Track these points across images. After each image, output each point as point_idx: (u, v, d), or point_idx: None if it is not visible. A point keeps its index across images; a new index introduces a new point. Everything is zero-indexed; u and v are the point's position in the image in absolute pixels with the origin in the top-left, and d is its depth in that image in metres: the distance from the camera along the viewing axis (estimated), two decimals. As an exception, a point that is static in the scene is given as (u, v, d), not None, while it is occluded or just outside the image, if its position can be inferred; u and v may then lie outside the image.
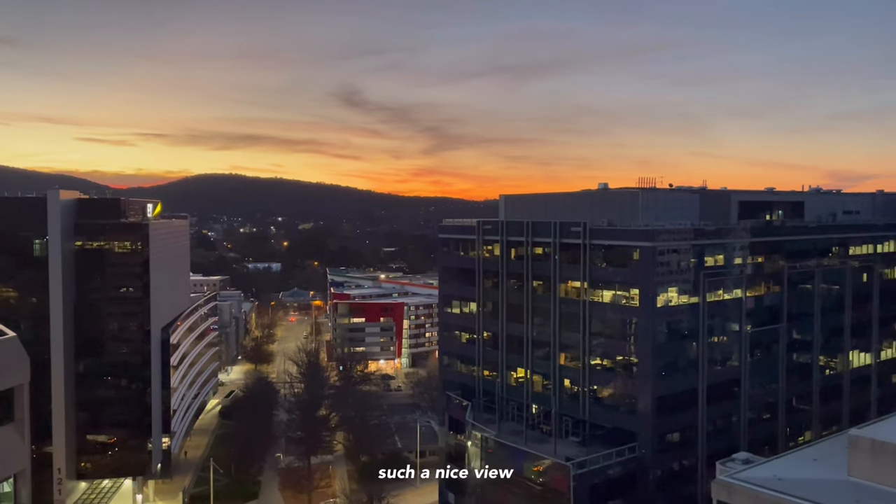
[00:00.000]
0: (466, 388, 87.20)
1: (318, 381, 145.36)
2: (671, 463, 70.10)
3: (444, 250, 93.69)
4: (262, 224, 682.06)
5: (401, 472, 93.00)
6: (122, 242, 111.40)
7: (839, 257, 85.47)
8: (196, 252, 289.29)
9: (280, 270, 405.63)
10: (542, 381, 78.95)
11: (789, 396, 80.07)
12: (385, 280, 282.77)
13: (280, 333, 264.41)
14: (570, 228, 74.10)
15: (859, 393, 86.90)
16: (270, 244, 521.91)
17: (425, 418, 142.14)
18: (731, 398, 74.41)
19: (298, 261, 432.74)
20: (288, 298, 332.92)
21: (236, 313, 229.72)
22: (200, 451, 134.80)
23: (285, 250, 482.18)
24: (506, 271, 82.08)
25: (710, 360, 72.23)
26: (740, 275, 74.54)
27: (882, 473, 48.82)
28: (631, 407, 69.66)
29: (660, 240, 67.96)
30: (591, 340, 73.05)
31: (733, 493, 50.06)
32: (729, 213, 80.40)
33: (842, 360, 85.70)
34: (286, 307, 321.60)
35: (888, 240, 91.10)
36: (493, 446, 74.59)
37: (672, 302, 69.34)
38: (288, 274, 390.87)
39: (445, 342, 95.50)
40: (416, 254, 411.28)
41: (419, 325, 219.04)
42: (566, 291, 75.60)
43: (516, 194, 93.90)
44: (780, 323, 78.67)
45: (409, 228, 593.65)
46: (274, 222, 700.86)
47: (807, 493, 47.54)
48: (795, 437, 79.93)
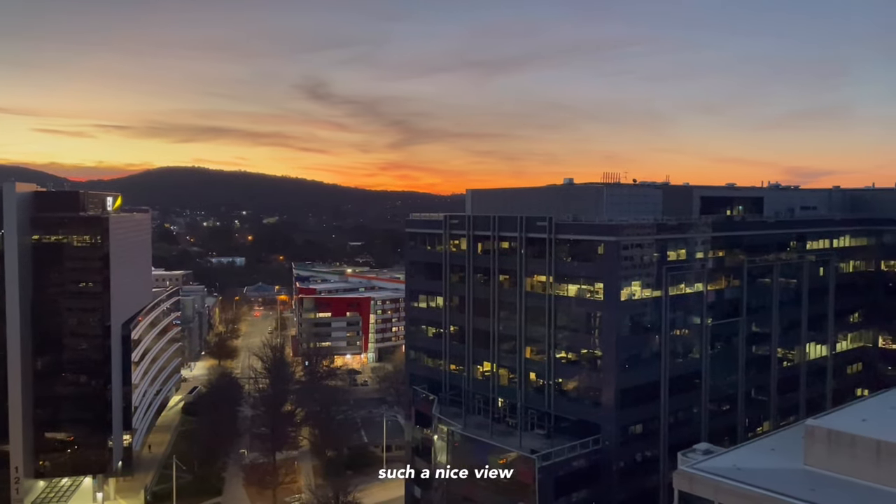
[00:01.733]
0: (433, 383, 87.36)
1: (283, 376, 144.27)
2: (634, 454, 71.15)
3: (411, 245, 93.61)
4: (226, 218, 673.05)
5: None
6: (80, 236, 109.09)
7: (797, 252, 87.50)
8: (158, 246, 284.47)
9: (244, 265, 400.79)
10: (507, 375, 79.46)
11: (748, 388, 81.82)
12: (352, 274, 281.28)
13: (244, 329, 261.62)
14: (535, 223, 74.59)
15: (815, 384, 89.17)
16: (235, 238, 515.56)
17: (392, 413, 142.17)
18: (693, 390, 75.77)
19: (263, 255, 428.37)
20: (252, 293, 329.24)
21: (199, 308, 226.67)
22: (163, 448, 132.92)
23: (250, 244, 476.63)
24: (472, 266, 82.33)
25: (673, 353, 73.44)
26: (702, 269, 75.85)
27: (837, 462, 50.26)
28: (595, 399, 70.50)
29: (624, 234, 68.81)
30: (557, 334, 73.71)
31: (694, 482, 51.10)
32: (691, 209, 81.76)
33: (799, 352, 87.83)
34: (251, 302, 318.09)
35: (843, 235, 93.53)
36: (459, 440, 74.88)
37: (635, 296, 70.30)
38: (252, 268, 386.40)
39: (412, 336, 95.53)
40: (382, 248, 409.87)
41: (386, 319, 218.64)
42: (532, 286, 76.13)
43: (483, 189, 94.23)
44: (740, 316, 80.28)
45: (376, 223, 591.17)
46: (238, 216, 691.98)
47: (764, 483, 48.74)
48: (754, 428, 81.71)
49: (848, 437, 50.09)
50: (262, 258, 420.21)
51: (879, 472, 48.21)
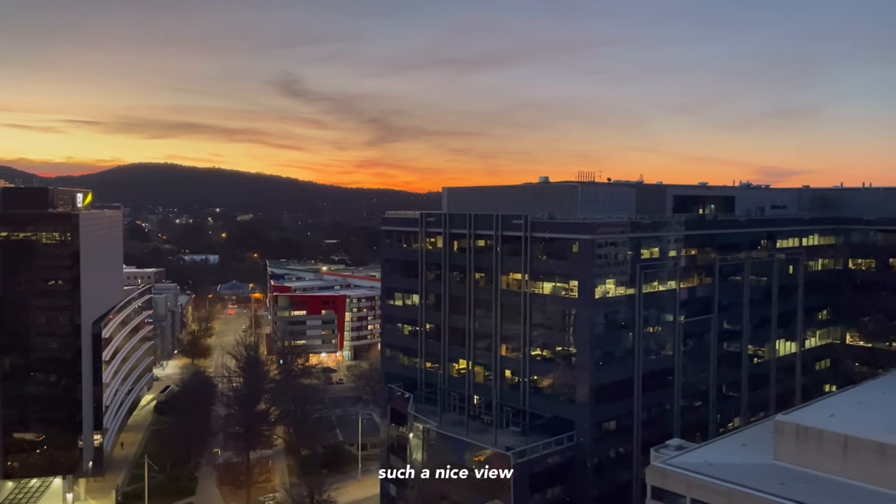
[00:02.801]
0: (409, 381, 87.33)
1: (257, 375, 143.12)
2: (608, 450, 71.81)
3: (387, 242, 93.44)
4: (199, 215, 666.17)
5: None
6: (50, 233, 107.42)
7: (767, 250, 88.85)
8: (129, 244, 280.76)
9: (218, 262, 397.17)
10: (483, 373, 79.70)
11: (720, 384, 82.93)
12: (327, 272, 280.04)
13: (218, 327, 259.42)
14: (511, 221, 74.87)
15: (785, 380, 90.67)
16: (208, 236, 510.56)
17: (367, 411, 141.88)
18: (665, 386, 76.64)
19: (237, 253, 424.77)
20: (226, 291, 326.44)
21: (172, 306, 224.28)
22: (134, 447, 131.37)
23: (223, 242, 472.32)
24: (448, 263, 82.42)
25: (646, 350, 74.21)
26: (674, 267, 76.73)
27: (805, 457, 51.27)
28: (570, 396, 71.01)
29: (598, 233, 69.35)
30: (532, 331, 74.08)
31: (667, 478, 51.82)
32: (664, 207, 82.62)
33: (769, 348, 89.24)
34: (224, 300, 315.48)
35: (812, 233, 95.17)
36: (435, 437, 74.97)
37: (610, 293, 70.90)
38: (226, 266, 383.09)
39: (388, 334, 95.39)
40: (358, 246, 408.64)
41: (361, 317, 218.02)
42: (508, 283, 76.43)
43: (459, 187, 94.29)
44: (712, 313, 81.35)
45: (351, 220, 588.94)
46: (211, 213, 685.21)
47: (735, 477, 49.58)
48: (725, 424, 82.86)
49: (816, 433, 51.13)
50: (236, 256, 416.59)
51: (846, 466, 49.29)
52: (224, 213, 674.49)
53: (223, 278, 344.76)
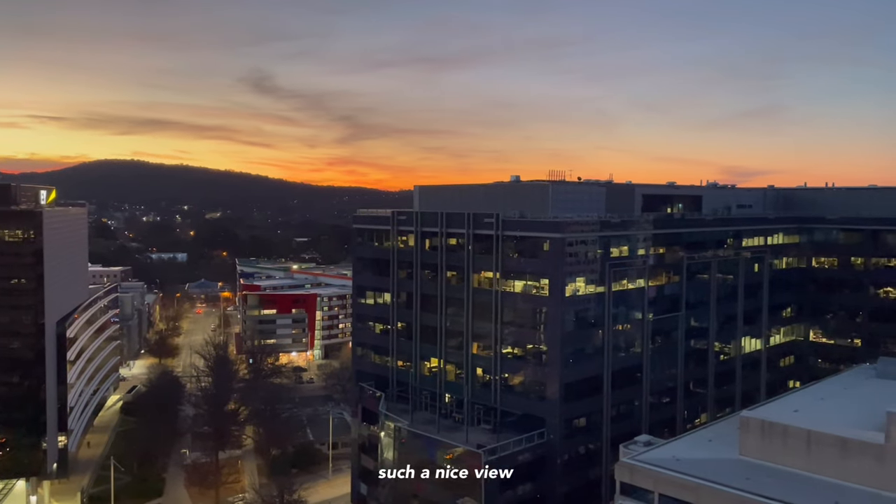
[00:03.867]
0: (380, 379, 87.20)
1: (226, 374, 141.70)
2: (578, 447, 72.51)
3: (358, 241, 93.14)
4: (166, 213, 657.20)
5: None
6: (12, 231, 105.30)
7: (733, 248, 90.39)
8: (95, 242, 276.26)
9: (186, 261, 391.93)
10: (455, 371, 79.88)
11: (687, 381, 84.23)
12: (298, 271, 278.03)
13: (186, 326, 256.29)
14: (483, 220, 75.13)
15: (750, 376, 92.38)
16: (176, 233, 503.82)
17: (338, 410, 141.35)
18: (634, 383, 77.57)
19: (206, 251, 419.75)
20: (195, 290, 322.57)
21: (139, 305, 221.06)
22: (100, 449, 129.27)
23: (192, 240, 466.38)
24: (420, 262, 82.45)
25: (615, 348, 75.04)
26: (643, 265, 77.69)
27: (770, 452, 52.25)
28: (540, 393, 71.53)
29: (569, 231, 69.93)
30: (503, 329, 74.45)
31: (635, 473, 52.42)
32: (633, 206, 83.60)
33: (735, 345, 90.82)
34: (193, 299, 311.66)
35: (777, 232, 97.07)
36: (406, 436, 75.00)
37: (580, 291, 71.56)
38: (195, 264, 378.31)
39: (359, 333, 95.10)
40: (329, 244, 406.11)
41: (332, 316, 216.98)
42: (479, 282, 76.69)
43: (431, 185, 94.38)
44: (680, 311, 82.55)
45: (322, 218, 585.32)
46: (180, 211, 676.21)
47: (702, 472, 50.33)
48: (693, 420, 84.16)
49: (780, 428, 52.12)
50: (205, 254, 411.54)
51: (810, 460, 50.33)
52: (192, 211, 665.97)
53: (191, 277, 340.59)
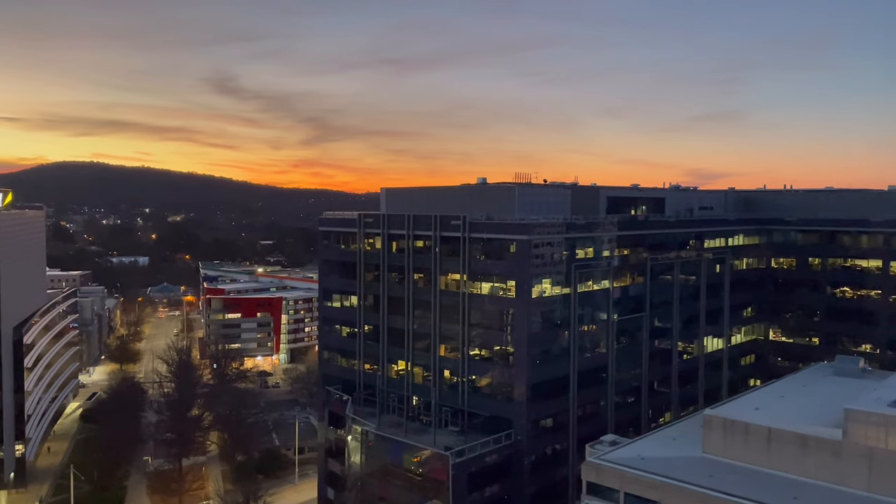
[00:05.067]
0: (347, 383, 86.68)
1: (189, 379, 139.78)
2: (545, 447, 72.93)
3: (324, 243, 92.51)
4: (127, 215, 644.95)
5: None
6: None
7: (695, 250, 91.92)
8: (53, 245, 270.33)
9: (148, 264, 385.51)
10: (422, 373, 79.78)
11: (651, 380, 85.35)
12: (262, 274, 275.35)
13: (148, 331, 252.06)
14: (450, 222, 75.20)
15: (713, 376, 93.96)
16: (137, 237, 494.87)
17: (304, 414, 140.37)
18: (600, 383, 78.33)
19: (168, 254, 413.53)
20: (157, 294, 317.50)
21: (99, 310, 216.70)
22: (59, 457, 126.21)
23: (153, 243, 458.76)
24: (387, 264, 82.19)
25: (581, 348, 75.70)
26: (608, 266, 78.55)
27: (732, 449, 53.24)
28: (507, 395, 71.80)
29: (535, 233, 70.39)
30: (470, 331, 74.58)
31: (601, 473, 52.96)
32: (598, 208, 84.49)
33: (697, 345, 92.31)
34: (155, 303, 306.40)
35: (738, 234, 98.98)
36: (374, 439, 74.66)
37: (546, 293, 72.05)
38: (157, 268, 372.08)
39: (326, 336, 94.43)
40: (295, 247, 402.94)
41: (298, 319, 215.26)
42: (446, 284, 76.72)
43: (398, 187, 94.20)
44: (644, 312, 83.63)
45: (288, 221, 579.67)
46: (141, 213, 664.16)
47: (666, 471, 51.08)
48: (657, 419, 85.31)
49: (742, 426, 53.15)
50: (167, 257, 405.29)
51: (770, 457, 51.42)
52: (154, 214, 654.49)
53: (153, 280, 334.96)
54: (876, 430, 47.55)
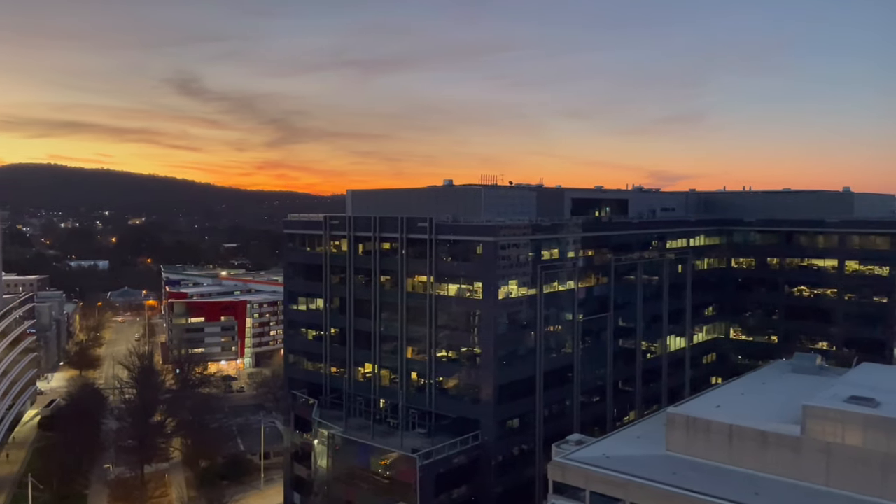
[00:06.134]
0: (313, 386, 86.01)
1: (151, 385, 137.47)
2: (512, 448, 73.25)
3: (289, 246, 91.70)
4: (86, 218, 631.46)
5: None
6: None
7: (658, 250, 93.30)
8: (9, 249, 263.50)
9: (108, 268, 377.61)
10: (389, 376, 79.55)
11: (616, 379, 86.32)
12: (226, 277, 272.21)
13: (108, 336, 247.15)
14: (416, 224, 75.17)
15: (675, 374, 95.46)
16: (97, 240, 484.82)
17: (270, 419, 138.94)
18: (566, 383, 79.00)
19: (129, 258, 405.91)
20: (117, 298, 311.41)
21: (57, 315, 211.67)
22: (17, 465, 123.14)
23: (114, 247, 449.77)
24: (353, 267, 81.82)
25: (547, 349, 76.26)
26: (573, 267, 79.30)
27: (695, 446, 54.17)
28: (474, 396, 71.98)
29: (501, 235, 70.74)
30: (438, 333, 74.60)
31: (567, 472, 53.44)
32: (563, 210, 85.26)
33: (660, 344, 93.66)
34: (115, 308, 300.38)
35: (699, 234, 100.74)
36: (340, 443, 74.22)
37: (512, 294, 72.45)
38: (117, 272, 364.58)
39: (291, 340, 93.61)
40: (259, 250, 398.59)
41: (263, 323, 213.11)
42: (413, 286, 76.64)
43: (364, 189, 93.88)
44: (608, 312, 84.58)
45: (252, 223, 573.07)
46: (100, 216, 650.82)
47: (631, 469, 51.76)
48: (622, 417, 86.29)
49: (704, 423, 54.13)
50: (128, 261, 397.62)
51: (732, 454, 52.45)
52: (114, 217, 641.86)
53: (114, 285, 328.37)
54: (833, 426, 48.84)
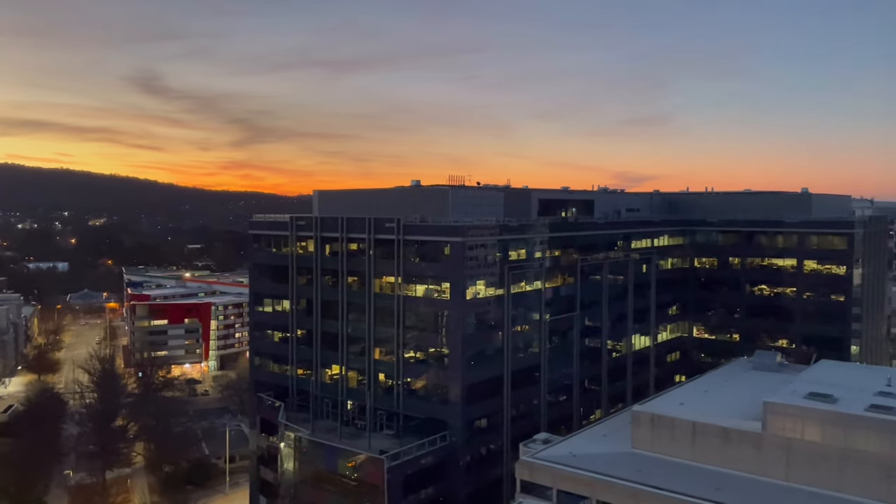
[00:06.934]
0: (279, 389, 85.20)
1: (113, 389, 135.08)
2: (480, 448, 73.44)
3: (255, 247, 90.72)
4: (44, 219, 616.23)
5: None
6: None
7: (623, 250, 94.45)
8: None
9: (68, 270, 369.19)
10: (357, 377, 79.18)
11: (582, 378, 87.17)
12: (190, 279, 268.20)
13: (68, 339, 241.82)
14: (384, 224, 74.95)
15: (640, 372, 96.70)
16: (56, 241, 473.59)
17: (235, 422, 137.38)
18: (533, 383, 79.52)
19: (89, 259, 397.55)
20: (77, 301, 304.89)
21: (15, 318, 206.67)
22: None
23: (74, 248, 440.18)
24: (320, 268, 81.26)
25: (514, 349, 76.66)
26: (540, 267, 79.86)
27: (660, 444, 54.97)
28: (442, 397, 72.01)
29: (469, 235, 70.91)
30: (405, 334, 74.49)
31: (534, 471, 53.82)
32: (530, 210, 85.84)
33: (626, 343, 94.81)
34: (75, 310, 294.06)
35: (662, 234, 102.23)
36: (307, 445, 73.64)
37: (480, 294, 72.67)
38: (77, 274, 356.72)
39: (257, 342, 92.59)
40: (224, 251, 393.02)
41: (229, 325, 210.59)
42: (381, 286, 76.39)
43: (331, 190, 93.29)
44: (575, 311, 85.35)
45: (216, 224, 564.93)
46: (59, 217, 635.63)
47: (597, 467, 52.34)
48: (588, 416, 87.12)
49: (668, 421, 54.96)
50: (88, 263, 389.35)
51: (695, 450, 53.34)
52: (74, 217, 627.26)
53: (74, 287, 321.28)
54: (793, 422, 49.98)
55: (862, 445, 47.29)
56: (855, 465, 47.41)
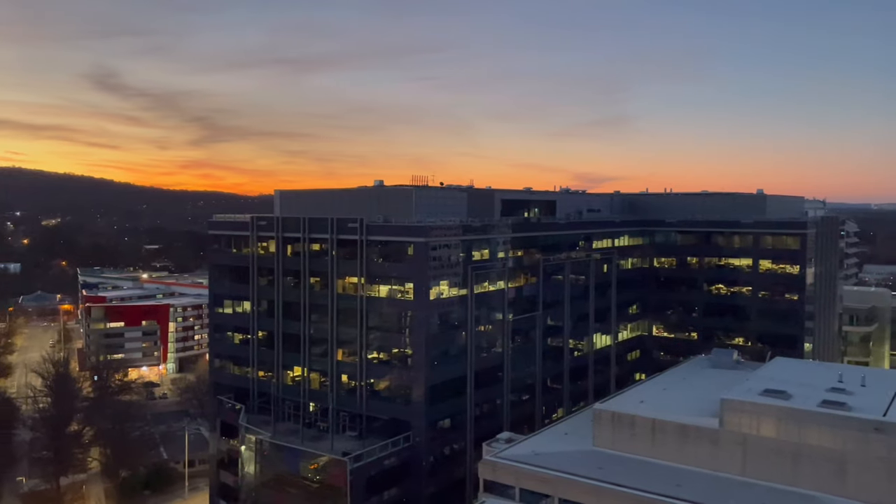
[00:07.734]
0: (240, 391, 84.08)
1: (67, 393, 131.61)
2: (443, 448, 73.51)
3: (214, 247, 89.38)
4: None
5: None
6: None
7: (585, 250, 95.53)
8: None
9: (20, 272, 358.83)
10: (319, 379, 78.56)
11: (545, 377, 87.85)
12: (148, 280, 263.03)
13: (21, 343, 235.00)
14: (347, 224, 74.53)
15: (602, 371, 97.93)
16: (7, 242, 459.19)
17: (195, 426, 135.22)
18: (496, 382, 79.89)
19: (42, 260, 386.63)
20: (30, 303, 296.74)
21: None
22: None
23: (26, 249, 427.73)
24: (282, 268, 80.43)
25: (478, 348, 76.90)
26: (503, 267, 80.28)
27: (620, 441, 55.72)
28: (406, 397, 71.88)
29: (432, 235, 70.93)
30: (369, 335, 74.16)
31: (497, 470, 54.11)
32: (493, 211, 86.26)
33: (587, 342, 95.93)
34: (28, 313, 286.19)
35: (623, 235, 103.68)
36: (269, 448, 72.83)
37: (444, 294, 72.74)
38: (30, 275, 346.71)
39: (217, 344, 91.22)
40: (183, 252, 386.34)
41: (187, 327, 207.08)
42: (344, 287, 75.93)
43: (292, 190, 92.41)
44: (537, 311, 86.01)
45: (175, 224, 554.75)
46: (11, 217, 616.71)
47: (559, 465, 52.85)
48: (550, 415, 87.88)
49: (629, 418, 55.75)
50: (41, 264, 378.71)
51: (655, 447, 54.20)
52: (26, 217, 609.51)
53: (26, 289, 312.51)
54: (749, 418, 51.12)
55: (815, 440, 48.59)
56: (808, 459, 48.69)
